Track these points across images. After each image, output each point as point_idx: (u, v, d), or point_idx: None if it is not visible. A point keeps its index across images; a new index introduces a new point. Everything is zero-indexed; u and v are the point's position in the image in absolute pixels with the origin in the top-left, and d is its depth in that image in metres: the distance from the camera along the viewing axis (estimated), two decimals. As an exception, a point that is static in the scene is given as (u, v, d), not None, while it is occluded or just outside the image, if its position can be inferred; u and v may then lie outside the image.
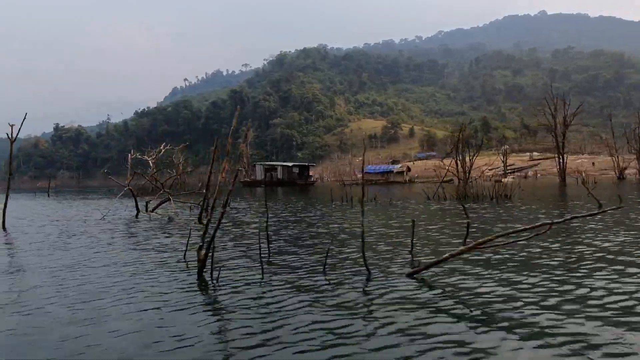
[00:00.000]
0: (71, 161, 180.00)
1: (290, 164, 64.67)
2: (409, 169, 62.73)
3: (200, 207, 13.76)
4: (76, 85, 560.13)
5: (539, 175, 55.67)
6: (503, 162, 55.66)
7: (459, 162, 45.60)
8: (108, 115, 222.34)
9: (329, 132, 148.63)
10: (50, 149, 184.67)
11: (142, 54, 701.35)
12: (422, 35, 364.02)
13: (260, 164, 63.92)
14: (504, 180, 48.93)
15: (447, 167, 43.97)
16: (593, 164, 50.48)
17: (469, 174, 44.76)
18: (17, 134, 14.31)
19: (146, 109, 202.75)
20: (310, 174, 63.83)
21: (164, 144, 43.05)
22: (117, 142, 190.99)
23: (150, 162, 39.65)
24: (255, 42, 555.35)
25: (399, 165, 61.29)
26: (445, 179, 52.00)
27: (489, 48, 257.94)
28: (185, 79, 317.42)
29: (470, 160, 44.41)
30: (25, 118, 14.23)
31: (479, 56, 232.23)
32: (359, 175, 64.05)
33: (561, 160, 28.19)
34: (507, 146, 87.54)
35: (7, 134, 14.25)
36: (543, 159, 64.27)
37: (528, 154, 77.42)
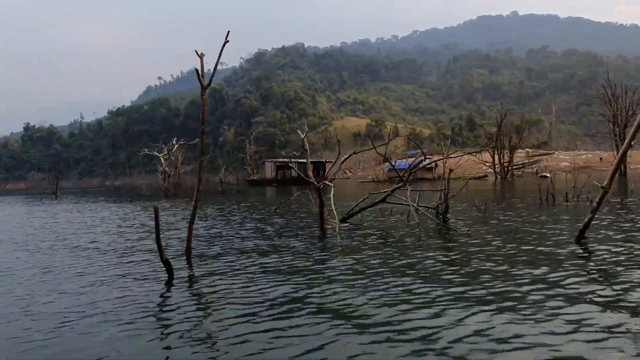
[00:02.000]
0: (43, 162, 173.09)
1: (306, 160, 61.24)
2: (436, 165, 60.68)
3: (585, 225, 8.42)
4: (45, 85, 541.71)
5: (549, 171, 55.04)
6: (510, 158, 54.94)
7: (496, 156, 44.22)
8: (81, 114, 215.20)
9: (313, 131, 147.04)
10: (20, 149, 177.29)
11: (112, 52, 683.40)
12: (398, 34, 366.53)
13: (271, 161, 60.37)
14: (549, 175, 47.46)
15: (485, 163, 42.55)
16: (600, 159, 50.49)
17: (507, 170, 43.88)
18: (213, 75, 7.97)
19: (121, 108, 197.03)
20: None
21: (175, 139, 40.88)
22: (91, 142, 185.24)
23: (162, 159, 37.42)
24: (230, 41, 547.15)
25: (427, 161, 58.27)
26: (477, 175, 50.63)
27: (464, 47, 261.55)
28: (160, 77, 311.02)
29: (508, 155, 43.33)
30: (226, 42, 7.98)
31: (456, 55, 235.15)
32: (385, 172, 59.37)
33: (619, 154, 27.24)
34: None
35: (196, 71, 7.74)
36: (541, 155, 64.09)
37: (520, 150, 77.38)
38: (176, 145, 35.15)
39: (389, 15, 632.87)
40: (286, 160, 61.43)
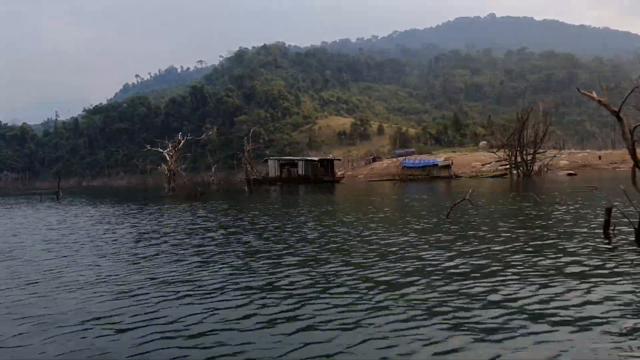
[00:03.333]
0: (16, 161, 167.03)
1: (315, 158, 58.16)
2: (452, 163, 59.27)
3: None
4: (15, 83, 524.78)
5: (548, 169, 54.20)
6: (507, 156, 54.32)
7: (518, 154, 43.11)
8: (56, 112, 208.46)
9: (297, 130, 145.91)
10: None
11: (87, 49, 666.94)
12: (378, 34, 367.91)
13: (274, 159, 57.42)
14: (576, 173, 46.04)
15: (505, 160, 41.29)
16: (599, 157, 50.43)
17: (532, 167, 43.03)
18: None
19: (98, 106, 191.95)
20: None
21: (180, 133, 38.89)
22: (67, 140, 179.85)
23: (167, 155, 35.31)
24: (205, 39, 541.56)
25: (443, 159, 56.00)
26: (497, 173, 49.65)
27: (443, 48, 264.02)
28: (137, 75, 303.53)
29: (533, 152, 42.45)
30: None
31: (437, 55, 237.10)
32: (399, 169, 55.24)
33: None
34: (485, 142, 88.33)
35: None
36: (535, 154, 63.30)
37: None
38: (182, 141, 33.05)
39: (369, 16, 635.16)
40: (292, 158, 59.03)
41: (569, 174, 45.19)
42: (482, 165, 62.09)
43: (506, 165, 56.76)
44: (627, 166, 51.44)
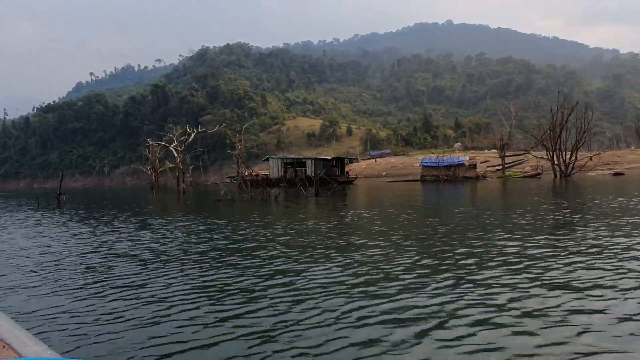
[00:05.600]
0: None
1: (329, 157, 53.99)
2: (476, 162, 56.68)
3: None
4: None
5: (543, 171, 53.02)
6: (501, 157, 54.26)
7: (556, 154, 42.50)
8: (5, 110, 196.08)
9: (264, 131, 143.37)
10: None
11: (35, 45, 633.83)
12: (340, 37, 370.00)
13: (277, 157, 52.11)
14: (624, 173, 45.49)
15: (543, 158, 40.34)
16: (590, 159, 51.06)
17: (571, 168, 42.50)
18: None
19: (52, 103, 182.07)
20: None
21: (188, 125, 36.20)
22: (17, 140, 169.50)
23: (174, 151, 32.57)
24: (164, 38, 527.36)
25: (468, 157, 52.86)
26: (529, 173, 49.00)
27: (404, 52, 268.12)
28: (92, 73, 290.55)
29: (572, 150, 42.07)
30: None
31: (400, 59, 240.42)
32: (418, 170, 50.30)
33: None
34: (460, 144, 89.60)
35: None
36: (522, 154, 62.62)
37: (487, 151, 78.76)
38: (192, 135, 30.50)
39: (331, 19, 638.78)
40: (299, 157, 54.99)
41: (616, 174, 45.32)
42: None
43: (496, 165, 56.80)
44: (621, 167, 52.49)
